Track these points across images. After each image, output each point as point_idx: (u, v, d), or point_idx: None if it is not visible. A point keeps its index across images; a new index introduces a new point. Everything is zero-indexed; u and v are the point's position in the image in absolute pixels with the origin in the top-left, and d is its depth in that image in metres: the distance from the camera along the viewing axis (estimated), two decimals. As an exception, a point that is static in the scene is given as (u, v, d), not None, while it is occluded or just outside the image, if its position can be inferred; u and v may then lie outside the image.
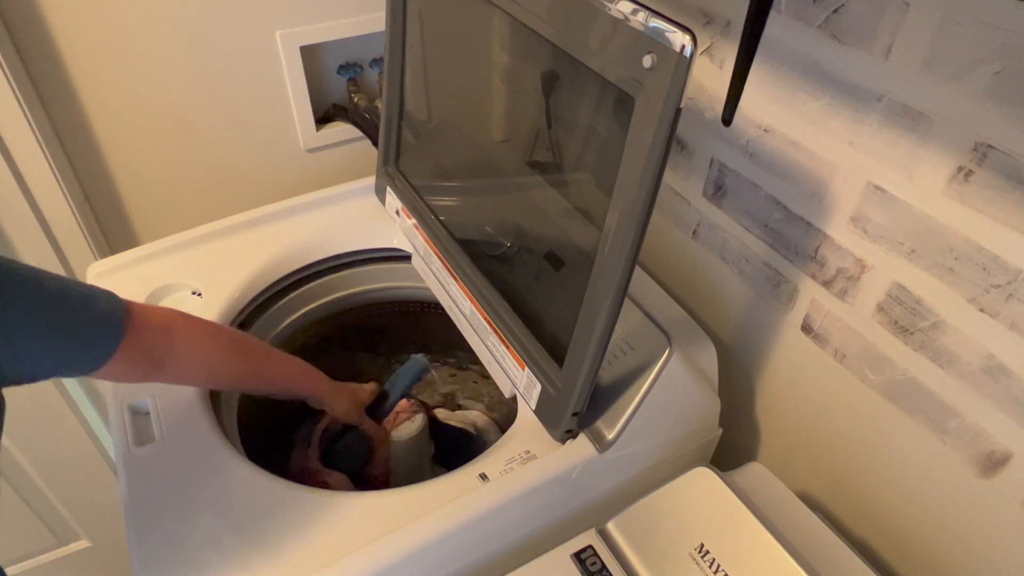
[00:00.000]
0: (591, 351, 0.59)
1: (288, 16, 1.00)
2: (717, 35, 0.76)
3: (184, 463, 0.68)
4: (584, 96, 0.63)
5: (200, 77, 1.00)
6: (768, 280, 0.80)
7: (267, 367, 0.74)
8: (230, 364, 0.70)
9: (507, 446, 0.70)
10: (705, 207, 0.86)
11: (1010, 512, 0.62)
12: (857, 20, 0.61)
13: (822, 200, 0.70)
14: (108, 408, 0.73)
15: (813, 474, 0.83)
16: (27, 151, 0.90)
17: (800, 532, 0.65)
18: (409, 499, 0.65)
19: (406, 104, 0.91)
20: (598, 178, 0.65)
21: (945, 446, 0.65)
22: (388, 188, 0.95)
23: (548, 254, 0.73)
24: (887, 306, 0.67)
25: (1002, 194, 0.54)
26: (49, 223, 0.97)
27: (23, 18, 0.86)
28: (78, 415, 1.19)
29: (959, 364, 0.62)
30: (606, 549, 0.63)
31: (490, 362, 0.78)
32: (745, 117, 0.75)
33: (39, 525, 1.31)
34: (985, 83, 0.53)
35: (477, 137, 0.93)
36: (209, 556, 0.61)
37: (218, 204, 1.11)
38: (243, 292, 0.86)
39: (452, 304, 0.85)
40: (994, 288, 0.57)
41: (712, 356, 0.79)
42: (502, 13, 0.62)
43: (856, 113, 0.63)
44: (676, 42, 0.44)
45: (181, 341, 0.63)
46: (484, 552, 0.67)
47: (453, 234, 0.83)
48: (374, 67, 1.14)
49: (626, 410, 0.67)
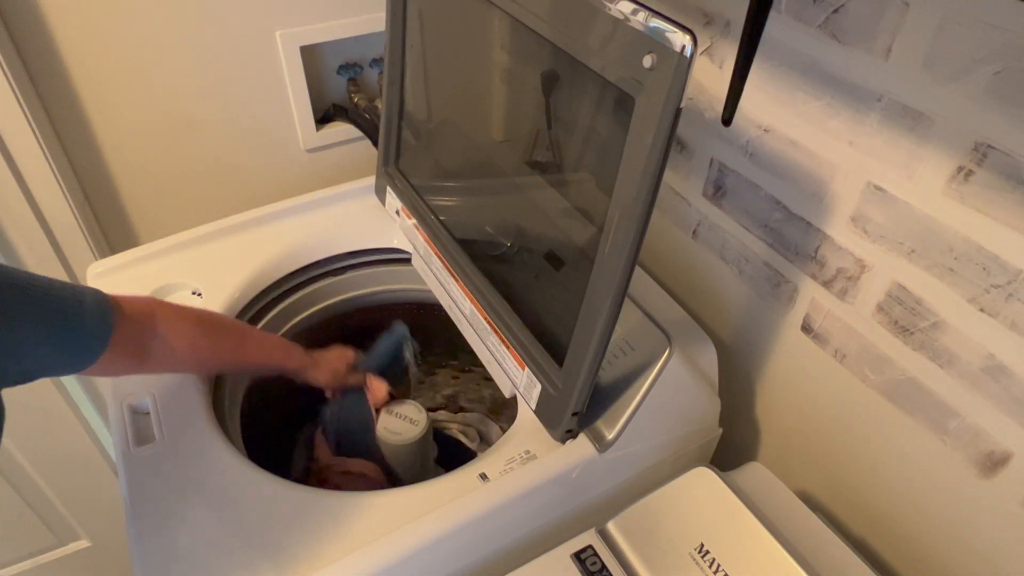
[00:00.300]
0: (591, 351, 0.59)
1: (288, 16, 1.00)
2: (717, 35, 0.76)
3: (184, 463, 0.68)
4: (584, 96, 0.63)
5: (200, 77, 1.00)
6: (768, 280, 0.80)
7: (247, 344, 0.76)
8: (212, 344, 0.71)
9: (507, 446, 0.70)
10: (705, 207, 0.86)
11: (1010, 512, 0.62)
12: (857, 20, 0.61)
13: (822, 200, 0.70)
14: (108, 408, 0.73)
15: (813, 474, 0.83)
16: (27, 151, 0.90)
17: (800, 532, 0.65)
18: (409, 499, 0.65)
19: (406, 104, 0.91)
20: (598, 178, 0.65)
21: (945, 446, 0.65)
22: (388, 188, 0.95)
23: (548, 254, 0.73)
24: (887, 306, 0.67)
25: (1002, 194, 0.54)
26: (49, 223, 0.97)
27: (23, 18, 0.86)
28: (78, 415, 1.19)
29: (959, 364, 0.62)
30: (606, 549, 0.63)
31: (490, 362, 0.78)
32: (745, 117, 0.75)
33: (39, 525, 1.31)
34: (985, 83, 0.53)
35: (477, 137, 0.93)
36: (209, 556, 0.61)
37: (218, 204, 1.12)
38: (243, 292, 0.86)
39: (452, 304, 0.85)
40: (994, 288, 0.57)
41: (712, 356, 0.79)
42: (502, 13, 0.62)
43: (856, 113, 0.63)
44: (676, 42, 0.44)
45: (164, 327, 0.65)
46: (484, 552, 0.67)
47: (453, 234, 0.83)
48: (374, 67, 1.14)
49: (626, 410, 0.67)
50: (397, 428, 0.85)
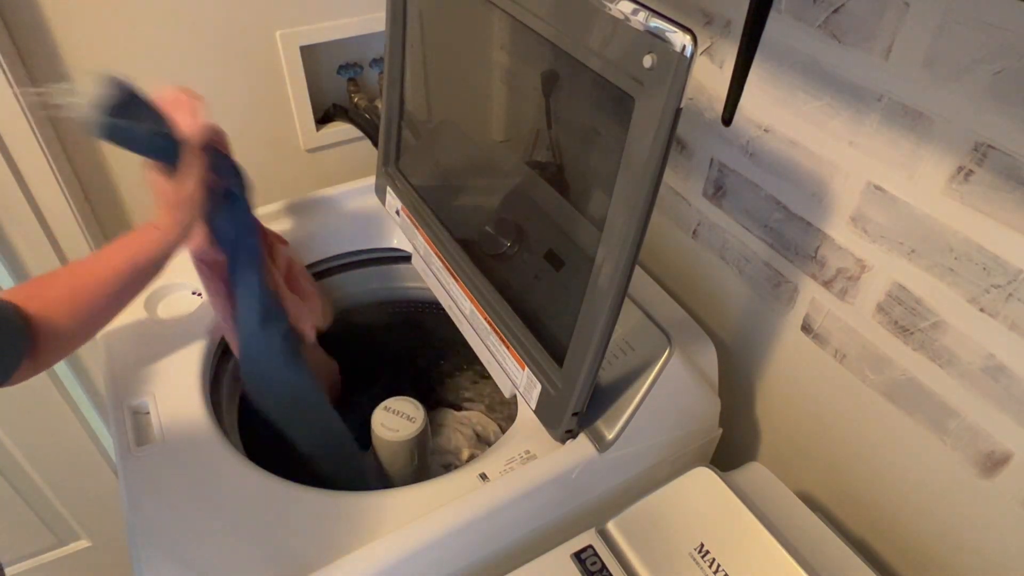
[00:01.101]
0: (591, 351, 0.59)
1: (288, 16, 1.00)
2: (717, 35, 0.76)
3: (184, 463, 0.68)
4: (584, 96, 0.63)
5: (200, 77, 1.00)
6: (768, 280, 0.80)
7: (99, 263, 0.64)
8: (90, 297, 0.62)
9: (507, 446, 0.70)
10: (705, 207, 0.86)
11: (1010, 512, 0.62)
12: (857, 20, 0.61)
13: (822, 200, 0.70)
14: (108, 408, 0.73)
15: (813, 474, 0.83)
16: (27, 151, 0.90)
17: (800, 532, 0.65)
18: (409, 499, 0.65)
19: (406, 104, 0.91)
20: (598, 178, 0.65)
21: (945, 446, 0.65)
22: (388, 188, 0.95)
23: (548, 254, 0.73)
24: (887, 306, 0.67)
25: (1002, 194, 0.54)
26: (49, 223, 0.97)
27: (23, 18, 0.86)
28: (78, 415, 1.19)
29: (959, 364, 0.62)
30: (606, 549, 0.63)
31: (490, 362, 0.78)
32: (745, 117, 0.75)
33: (39, 525, 1.31)
34: (985, 83, 0.53)
35: (477, 137, 0.93)
36: (209, 556, 0.61)
37: (218, 204, 1.11)
38: (243, 292, 0.86)
39: (452, 304, 0.85)
40: (994, 288, 0.57)
41: (712, 356, 0.79)
42: (502, 13, 0.62)
43: (856, 113, 0.63)
44: (676, 42, 0.44)
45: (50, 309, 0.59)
46: (484, 552, 0.67)
47: (453, 234, 0.84)
48: (374, 67, 1.14)
49: (626, 410, 0.67)
50: (394, 425, 0.85)
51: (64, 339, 0.61)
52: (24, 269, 0.99)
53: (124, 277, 0.63)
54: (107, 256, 0.64)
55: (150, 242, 0.65)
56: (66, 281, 0.62)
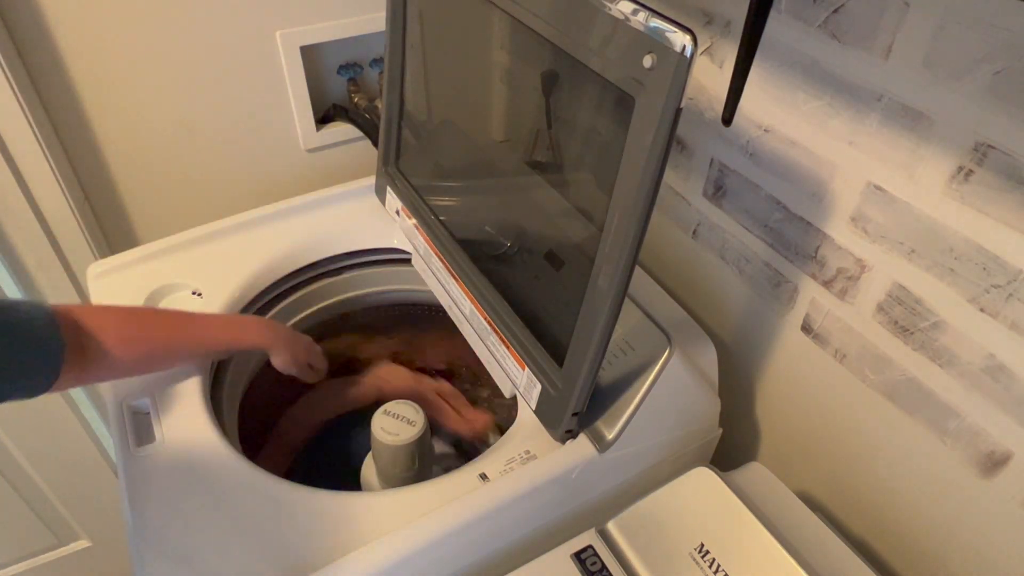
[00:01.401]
0: (591, 351, 0.59)
1: (288, 16, 1.00)
2: (717, 35, 0.76)
3: (184, 463, 0.68)
4: (584, 96, 0.63)
5: (200, 77, 1.00)
6: (768, 280, 0.80)
7: (190, 327, 0.71)
8: (143, 332, 0.67)
9: (507, 446, 0.70)
10: (705, 207, 0.86)
11: (1010, 512, 0.62)
12: (857, 20, 0.61)
13: (822, 200, 0.70)
14: (108, 408, 0.73)
15: (813, 474, 0.83)
16: (27, 151, 0.90)
17: (800, 532, 0.65)
18: (409, 499, 0.65)
19: (406, 104, 0.91)
20: (598, 178, 0.65)
21: (945, 446, 0.65)
22: (388, 188, 0.95)
23: (548, 254, 0.73)
24: (887, 306, 0.67)
25: (1002, 194, 0.54)
26: (49, 223, 0.97)
27: (23, 18, 0.86)
28: (78, 415, 1.19)
29: (959, 364, 0.62)
30: (606, 549, 0.63)
31: (490, 362, 0.78)
32: (745, 117, 0.75)
33: (39, 525, 1.31)
34: (985, 83, 0.53)
35: (477, 137, 0.93)
36: (209, 556, 0.61)
37: (218, 204, 1.12)
38: (243, 292, 0.86)
39: (452, 304, 0.85)
40: (994, 288, 0.57)
41: (712, 356, 0.79)
42: (502, 13, 0.62)
43: (856, 113, 0.63)
44: (676, 42, 0.44)
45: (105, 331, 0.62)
46: (484, 552, 0.67)
47: (453, 234, 0.84)
48: (374, 67, 1.14)
49: (626, 410, 0.67)
50: (394, 429, 0.85)
51: (113, 367, 0.65)
52: (24, 269, 0.99)
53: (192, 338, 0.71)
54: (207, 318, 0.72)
55: (244, 336, 0.73)
56: (150, 319, 0.68)
